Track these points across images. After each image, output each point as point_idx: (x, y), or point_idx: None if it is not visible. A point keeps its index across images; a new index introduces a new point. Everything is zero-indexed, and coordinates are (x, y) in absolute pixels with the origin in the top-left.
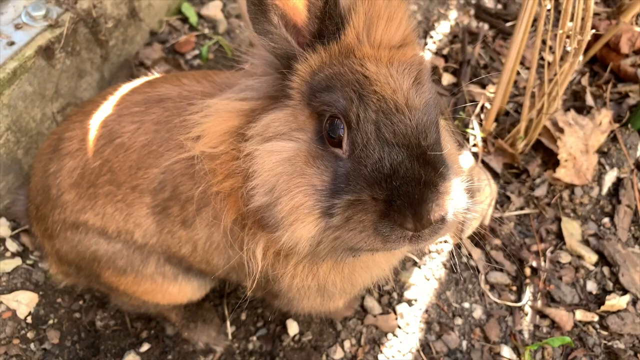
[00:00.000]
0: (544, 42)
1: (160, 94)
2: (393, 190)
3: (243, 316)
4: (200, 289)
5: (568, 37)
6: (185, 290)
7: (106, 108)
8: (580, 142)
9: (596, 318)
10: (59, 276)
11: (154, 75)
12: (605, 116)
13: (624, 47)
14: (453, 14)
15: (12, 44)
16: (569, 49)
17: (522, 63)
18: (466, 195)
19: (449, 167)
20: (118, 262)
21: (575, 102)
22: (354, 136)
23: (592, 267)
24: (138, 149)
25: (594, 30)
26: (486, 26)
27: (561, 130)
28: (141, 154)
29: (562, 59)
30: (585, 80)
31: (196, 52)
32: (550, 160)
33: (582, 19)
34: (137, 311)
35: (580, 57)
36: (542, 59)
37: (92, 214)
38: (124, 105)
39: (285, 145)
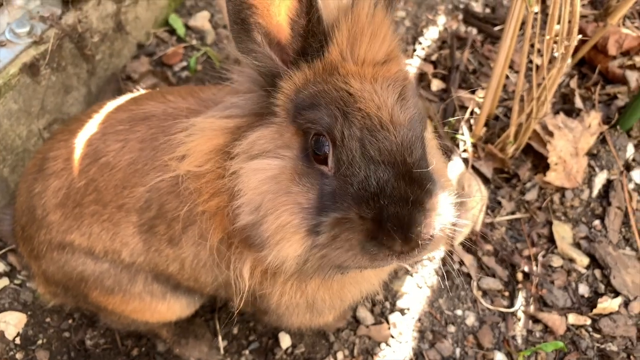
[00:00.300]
0: (532, 45)
1: (145, 111)
2: (381, 209)
3: (235, 330)
4: (189, 306)
5: (555, 42)
6: (174, 308)
7: (91, 126)
8: (569, 145)
9: (589, 321)
10: (47, 296)
11: (140, 91)
12: (594, 118)
13: (612, 49)
14: (441, 19)
15: None
16: (556, 54)
17: (510, 67)
18: (453, 209)
19: (435, 182)
20: (105, 281)
21: (565, 104)
22: (339, 154)
23: (583, 270)
24: (123, 168)
25: (580, 36)
26: (474, 31)
27: (551, 134)
28: (126, 172)
29: (550, 62)
30: (574, 83)
31: (184, 63)
32: (541, 164)
33: (569, 22)
34: (127, 329)
35: (569, 60)
36: (530, 62)
37: (79, 234)
38: (108, 123)
39: (270, 163)
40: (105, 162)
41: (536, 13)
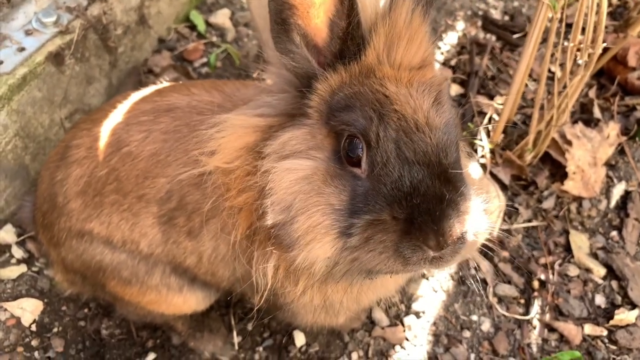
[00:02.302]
0: (552, 54)
1: (169, 103)
2: (414, 209)
3: (249, 326)
4: (205, 300)
5: (579, 49)
6: (190, 302)
7: (114, 116)
8: (588, 154)
9: (605, 332)
10: (65, 284)
11: (163, 84)
12: (612, 129)
13: (632, 60)
14: (460, 25)
15: (22, 49)
16: (580, 62)
17: (529, 75)
18: (486, 216)
19: (468, 186)
20: (123, 272)
21: (583, 114)
22: (373, 155)
23: (600, 281)
24: (145, 158)
25: (605, 44)
26: (493, 38)
27: (569, 143)
28: (148, 163)
29: (571, 72)
30: (592, 93)
31: (204, 60)
32: (558, 172)
33: (594, 30)
34: (143, 320)
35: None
36: (550, 71)
37: (98, 223)
38: (132, 114)
39: (302, 164)
40: (128, 151)
41: (560, 21)
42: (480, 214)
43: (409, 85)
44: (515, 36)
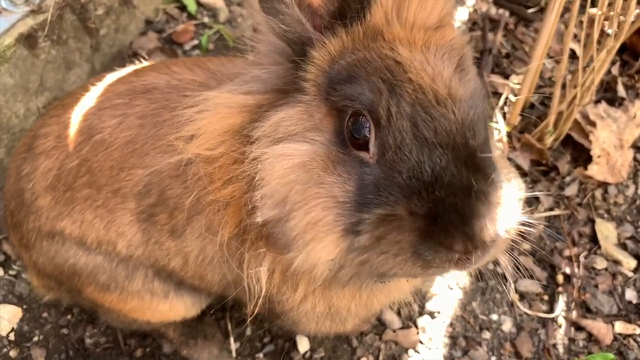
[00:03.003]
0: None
1: (146, 83)
2: (436, 203)
3: (248, 331)
4: (194, 306)
5: (607, 18)
6: (177, 308)
7: (86, 101)
8: (613, 136)
9: (638, 330)
10: (41, 290)
11: (142, 63)
12: (639, 108)
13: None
14: (470, 1)
15: None
16: (609, 31)
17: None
18: (520, 207)
19: (499, 172)
20: (100, 277)
21: (606, 93)
22: (384, 136)
23: (630, 274)
24: (120, 147)
25: (638, 11)
26: (507, 13)
27: (593, 124)
28: (124, 152)
29: (598, 42)
30: (615, 70)
31: (195, 42)
32: (581, 156)
33: None
34: (129, 328)
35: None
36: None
37: (70, 222)
38: (106, 96)
39: (298, 148)
40: (100, 139)
41: None
42: (513, 206)
43: (425, 49)
44: (529, 11)
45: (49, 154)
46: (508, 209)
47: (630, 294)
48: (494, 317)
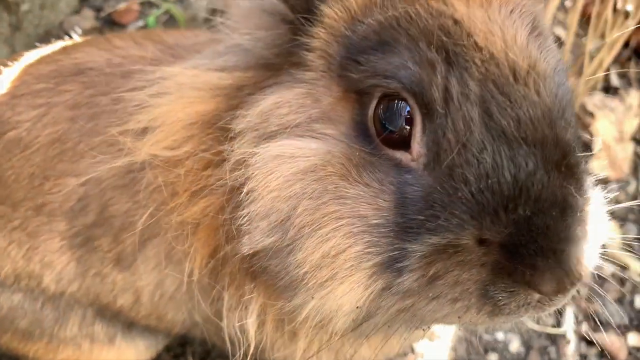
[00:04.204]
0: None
1: (78, 62)
2: (519, 226)
3: None
4: (149, 349)
5: None
6: (127, 354)
7: None
8: (613, 128)
9: None
10: None
11: (75, 39)
12: (634, 98)
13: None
14: None
15: None
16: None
17: None
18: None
19: (587, 174)
20: (19, 321)
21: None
22: (438, 129)
23: (639, 279)
24: (43, 148)
25: None
26: None
27: (591, 115)
28: (48, 155)
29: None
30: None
31: (140, 23)
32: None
33: None
34: None
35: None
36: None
37: None
38: (21, 81)
39: (303, 147)
40: (15, 138)
41: None
42: (603, 219)
43: (486, 3)
44: None
45: None
46: (600, 226)
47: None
48: (500, 336)
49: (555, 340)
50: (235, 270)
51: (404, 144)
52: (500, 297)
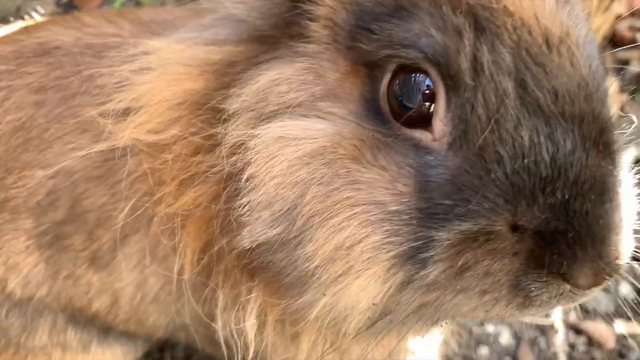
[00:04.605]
0: None
1: (42, 42)
2: (555, 211)
3: None
4: (127, 355)
5: None
6: None
7: None
8: None
9: (639, 329)
10: None
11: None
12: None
13: (619, 7)
14: None
15: None
16: None
17: None
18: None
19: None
20: None
21: None
22: (465, 103)
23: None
24: (5, 137)
25: None
26: None
27: None
28: (11, 145)
29: None
30: None
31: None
32: None
33: None
34: None
35: None
36: None
37: None
38: None
39: (309, 127)
40: None
41: None
42: (635, 207)
43: None
44: None
45: None
46: (632, 216)
47: (625, 289)
48: (490, 329)
49: (545, 331)
50: (230, 266)
51: (423, 122)
52: (532, 288)
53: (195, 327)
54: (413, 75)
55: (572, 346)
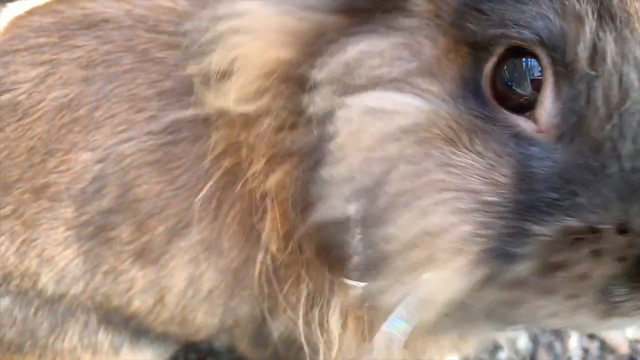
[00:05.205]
0: None
1: (88, 13)
2: None
3: None
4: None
5: None
6: None
7: None
8: None
9: None
10: None
11: None
12: None
13: None
14: None
15: None
16: None
17: None
18: None
19: None
20: (6, 331)
21: None
22: (580, 94)
23: None
24: (48, 116)
25: None
26: None
27: None
28: (54, 125)
29: None
30: None
31: None
32: None
33: None
34: None
35: None
36: None
37: None
38: (14, 33)
39: (404, 102)
40: (9, 102)
41: None
42: None
43: None
44: None
45: None
46: None
47: None
48: (509, 333)
49: (560, 335)
50: (313, 255)
51: (527, 110)
52: (621, 295)
53: (243, 328)
54: (524, 59)
55: (585, 350)
